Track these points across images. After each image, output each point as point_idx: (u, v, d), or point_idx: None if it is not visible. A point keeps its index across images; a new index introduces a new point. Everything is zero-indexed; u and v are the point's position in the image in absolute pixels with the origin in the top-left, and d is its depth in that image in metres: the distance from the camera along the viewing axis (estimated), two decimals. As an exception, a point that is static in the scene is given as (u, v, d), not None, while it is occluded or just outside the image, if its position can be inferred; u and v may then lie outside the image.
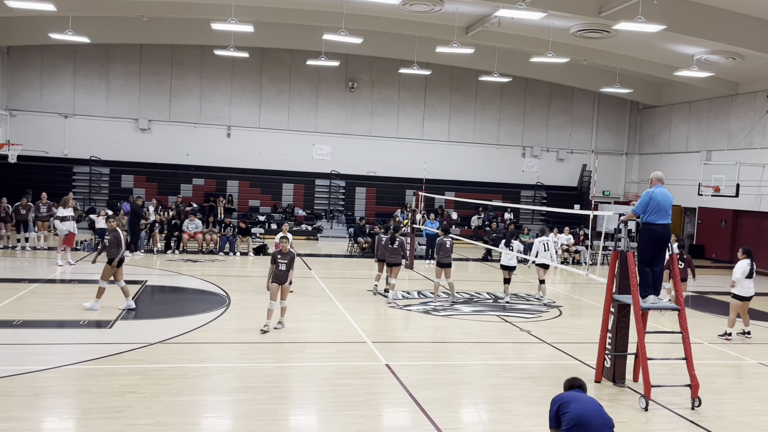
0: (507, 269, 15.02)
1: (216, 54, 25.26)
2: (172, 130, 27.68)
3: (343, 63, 27.62)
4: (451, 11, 19.87)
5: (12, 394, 7.48)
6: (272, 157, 28.50)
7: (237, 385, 8.28)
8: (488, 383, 8.96)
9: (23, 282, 14.19)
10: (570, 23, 20.02)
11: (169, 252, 20.18)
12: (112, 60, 27.02)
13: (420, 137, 30.06)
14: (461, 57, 25.30)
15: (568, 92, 31.31)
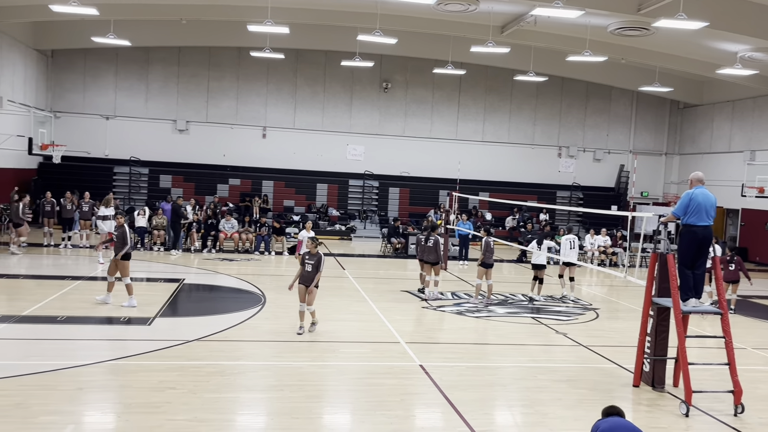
0: (537, 268, 15.12)
1: (252, 55, 25.56)
2: (209, 130, 28.12)
3: (377, 63, 27.67)
4: (486, 10, 19.73)
5: (56, 388, 7.69)
6: (307, 158, 28.72)
7: (272, 383, 8.37)
8: (523, 385, 8.87)
9: (66, 279, 14.58)
10: (608, 21, 19.69)
11: (206, 251, 20.50)
12: (151, 62, 27.58)
13: (454, 137, 29.93)
14: (496, 56, 25.11)
15: (605, 91, 30.81)
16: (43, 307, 11.63)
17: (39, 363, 8.49)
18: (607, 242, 22.68)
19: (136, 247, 20.07)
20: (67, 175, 24.73)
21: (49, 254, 18.38)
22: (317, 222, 27.27)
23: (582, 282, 19.10)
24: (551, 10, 16.25)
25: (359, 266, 19.58)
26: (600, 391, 8.70)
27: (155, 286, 14.77)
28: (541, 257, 15.24)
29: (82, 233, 20.09)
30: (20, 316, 10.94)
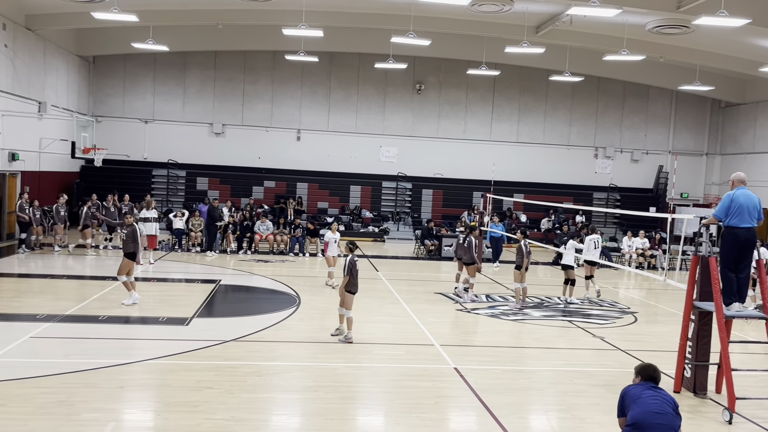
0: (565, 269, 15.08)
1: (287, 59, 25.82)
2: (244, 133, 28.50)
3: (410, 65, 27.68)
4: (520, 10, 19.56)
5: (97, 386, 7.88)
6: (340, 160, 28.88)
7: (308, 384, 8.43)
8: (560, 390, 8.76)
9: (107, 279, 14.91)
10: (646, 19, 19.34)
11: (242, 252, 20.76)
12: (188, 67, 28.08)
13: (488, 138, 29.74)
14: (531, 57, 24.89)
15: (643, 91, 30.25)
16: (85, 307, 11.93)
17: (81, 361, 8.71)
18: (645, 245, 22.25)
19: (173, 248, 20.46)
20: (108, 178, 25.34)
21: (90, 255, 18.83)
22: (351, 224, 27.39)
23: (619, 285, 18.78)
24: (588, 9, 16.04)
25: (392, 268, 19.58)
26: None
27: (193, 286, 15.02)
28: (568, 258, 15.15)
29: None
30: (63, 315, 11.24)
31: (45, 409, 7.02)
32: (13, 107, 19.95)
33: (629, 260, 21.96)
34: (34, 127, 21.64)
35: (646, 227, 23.94)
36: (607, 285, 18.30)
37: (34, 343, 9.59)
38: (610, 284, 18.50)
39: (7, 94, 19.76)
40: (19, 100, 20.62)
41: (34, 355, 9.09)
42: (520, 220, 28.05)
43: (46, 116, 22.10)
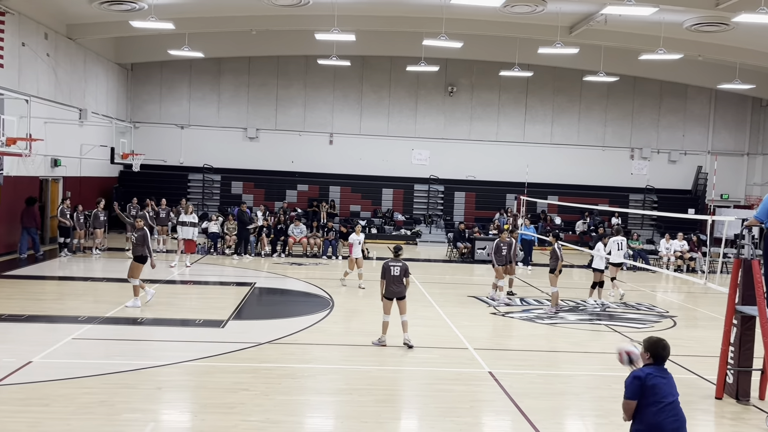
0: (596, 271, 14.93)
1: (319, 63, 26.02)
2: (278, 138, 28.80)
3: (442, 68, 27.62)
4: (554, 11, 19.36)
5: (136, 387, 8.04)
6: (372, 163, 28.96)
7: (342, 387, 8.46)
8: (597, 395, 8.62)
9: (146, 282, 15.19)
10: (684, 17, 18.96)
11: (276, 255, 20.97)
12: (223, 73, 28.52)
13: (521, 140, 29.48)
14: (565, 57, 24.61)
15: (680, 90, 29.64)
16: (124, 309, 12.19)
17: (121, 362, 8.90)
18: (683, 247, 21.77)
19: (209, 251, 20.77)
20: (145, 183, 25.87)
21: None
22: (383, 227, 27.44)
23: (657, 288, 18.41)
24: (623, 8, 15.81)
25: (425, 271, 19.54)
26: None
27: (228, 289, 15.23)
28: (596, 260, 15.04)
29: (159, 238, 20.95)
30: (104, 317, 11.50)
31: (87, 409, 7.19)
32: (55, 115, 20.53)
33: (667, 263, 21.51)
34: (75, 133, 22.23)
35: (684, 229, 23.43)
36: (645, 288, 17.97)
37: (76, 345, 9.84)
38: (647, 287, 18.16)
39: (50, 102, 20.34)
40: (61, 107, 21.20)
41: (76, 356, 9.33)
42: (554, 222, 27.72)
43: (87, 123, 22.69)
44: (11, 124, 14.81)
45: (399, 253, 10.58)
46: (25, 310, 11.81)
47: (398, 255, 10.54)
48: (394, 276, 10.35)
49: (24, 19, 18.53)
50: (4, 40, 17.45)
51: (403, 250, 10.89)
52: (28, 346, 9.46)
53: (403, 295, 10.37)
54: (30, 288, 14.15)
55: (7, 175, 18.01)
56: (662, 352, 5.15)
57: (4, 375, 8.14)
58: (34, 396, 7.53)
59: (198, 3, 20.16)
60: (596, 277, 14.96)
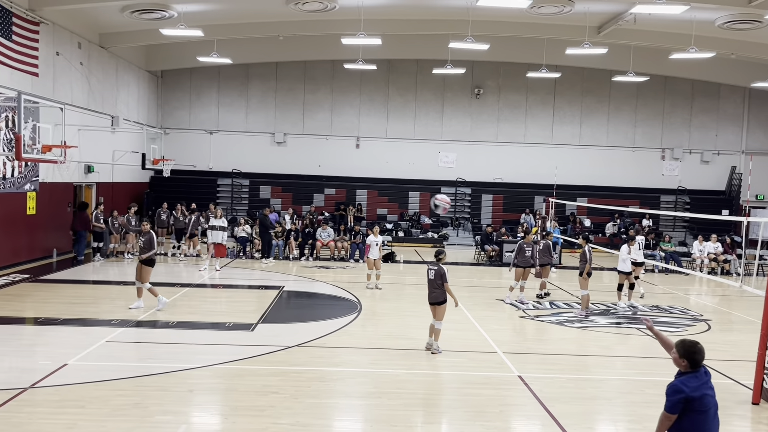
0: (622, 274, 14.79)
1: (345, 68, 26.15)
2: (305, 142, 29.00)
3: (468, 70, 27.53)
4: (581, 11, 19.18)
5: (168, 389, 8.15)
6: (399, 166, 28.97)
7: (370, 390, 8.47)
8: (630, 400, 8.49)
9: (176, 286, 15.44)
10: (715, 15, 18.62)
11: (303, 259, 21.09)
12: (250, 78, 28.83)
13: (549, 142, 29.22)
14: (593, 57, 24.35)
15: (713, 89, 29.07)
16: (156, 313, 12.37)
17: (153, 365, 9.04)
18: (717, 249, 21.33)
19: (238, 255, 20.98)
20: (176, 188, 26.25)
21: (160, 263, 19.53)
22: (410, 230, 27.41)
23: (690, 291, 18.06)
24: (653, 6, 15.58)
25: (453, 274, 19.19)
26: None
27: (257, 293, 15.36)
28: (620, 262, 14.91)
29: (190, 242, 21.21)
30: (136, 320, 11.70)
31: (121, 411, 7.32)
32: (88, 122, 20.96)
33: (700, 265, 21.10)
34: (107, 140, 22.67)
35: (718, 231, 22.97)
36: (677, 291, 17.65)
37: (110, 347, 10.02)
38: (680, 290, 17.83)
39: (83, 110, 20.79)
40: (94, 114, 21.65)
41: (110, 358, 9.50)
42: (584, 224, 27.40)
43: (119, 130, 23.12)
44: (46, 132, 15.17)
45: (438, 257, 10.39)
46: (61, 313, 12.08)
47: (437, 259, 10.38)
48: (429, 280, 10.30)
49: (58, 29, 18.99)
50: (39, 49, 17.90)
51: (445, 254, 10.61)
52: (64, 349, 9.67)
53: (437, 301, 10.22)
54: (65, 292, 14.46)
55: (43, 182, 18.45)
56: (698, 356, 4.89)
57: (40, 377, 8.33)
58: (69, 398, 7.69)
59: (226, 10, 20.43)
60: (621, 279, 14.86)
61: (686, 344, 4.92)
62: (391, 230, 27.07)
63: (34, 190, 18.03)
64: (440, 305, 10.21)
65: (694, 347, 4.88)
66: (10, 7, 16.35)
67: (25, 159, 13.98)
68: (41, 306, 12.82)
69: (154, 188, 27.29)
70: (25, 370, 8.69)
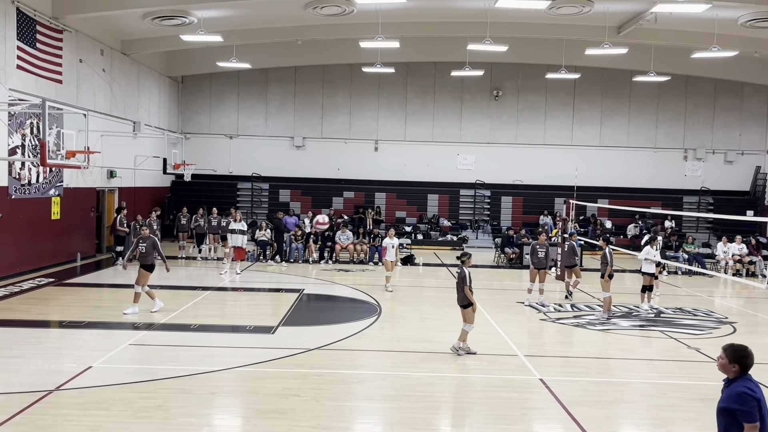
0: (647, 275, 14.71)
1: (364, 71, 26.21)
2: (323, 146, 29.11)
3: (487, 72, 27.44)
4: (601, 11, 19.02)
5: (191, 392, 8.22)
6: (417, 169, 28.96)
7: (391, 393, 8.46)
8: (653, 403, 8.38)
9: (198, 289, 15.58)
10: (738, 13, 18.36)
11: (323, 262, 21.16)
12: (270, 83, 29.02)
13: (569, 143, 29.00)
14: (613, 58, 24.12)
15: (736, 88, 28.65)
16: (178, 316, 12.50)
17: (176, 368, 9.12)
18: (742, 250, 20.99)
19: (258, 259, 21.11)
20: (197, 192, 26.50)
21: (182, 267, 19.73)
22: (429, 232, 27.37)
23: (715, 293, 17.80)
24: (674, 5, 15.40)
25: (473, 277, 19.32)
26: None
27: (277, 296, 15.44)
28: (645, 264, 14.77)
29: (211, 246, 21.40)
30: (159, 324, 11.82)
31: (144, 413, 7.40)
32: (110, 128, 21.26)
33: (725, 267, 20.78)
34: (129, 145, 22.97)
35: (742, 232, 22.61)
36: (702, 293, 17.40)
37: (133, 351, 10.14)
38: (704, 292, 17.58)
39: (106, 116, 21.08)
40: (116, 120, 21.95)
41: (133, 361, 9.61)
42: (605, 226, 27.14)
43: (140, 135, 23.42)
44: (70, 138, 15.41)
45: (461, 259, 10.33)
46: (85, 316, 12.25)
47: (461, 261, 10.31)
48: (456, 282, 10.28)
49: (81, 36, 19.29)
50: (63, 57, 18.20)
51: (469, 257, 10.49)
52: (88, 352, 9.80)
53: (462, 304, 10.18)
54: (89, 295, 14.66)
55: (67, 187, 18.75)
56: (749, 361, 4.65)
57: (65, 380, 8.45)
58: (93, 400, 7.79)
59: (245, 15, 20.60)
60: (645, 281, 14.72)
61: (736, 349, 4.68)
62: (410, 233, 27.05)
63: (59, 195, 18.32)
64: (465, 308, 10.16)
65: (744, 351, 4.65)
66: (34, 15, 16.66)
67: (50, 165, 14.21)
68: (66, 309, 13.02)
69: (176, 193, 27.58)
70: (51, 373, 8.82)
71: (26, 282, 15.81)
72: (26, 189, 16.70)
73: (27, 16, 16.37)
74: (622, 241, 25.71)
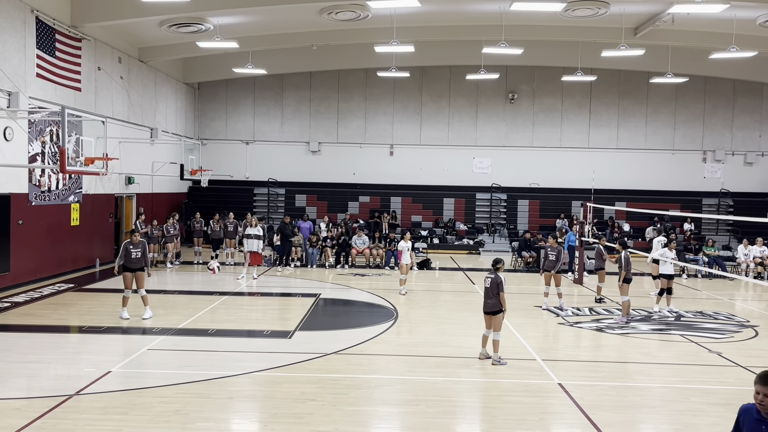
0: (665, 278, 14.67)
1: (379, 76, 26.26)
2: (339, 151, 29.18)
3: (502, 75, 27.36)
4: (617, 12, 18.90)
5: (209, 396, 8.25)
6: (433, 173, 28.93)
7: (408, 398, 8.42)
8: (674, 408, 8.26)
9: (215, 294, 15.66)
10: (757, 13, 18.15)
11: (339, 266, 21.18)
12: (285, 88, 29.17)
13: (586, 146, 28.82)
14: (630, 59, 23.96)
15: (756, 88, 28.30)
16: (196, 321, 12.57)
17: (194, 372, 9.16)
18: (764, 253, 20.68)
19: (275, 264, 21.18)
20: (213, 197, 26.69)
21: (198, 272, 19.85)
22: (445, 236, 27.29)
23: (736, 296, 17.55)
24: (691, 6, 15.25)
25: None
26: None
27: (294, 300, 15.47)
28: (663, 265, 14.63)
29: (228, 251, 21.51)
30: (177, 328, 11.89)
31: (163, 418, 7.43)
32: (128, 134, 21.49)
33: (746, 270, 20.49)
34: (146, 152, 23.19)
35: (764, 234, 22.28)
36: (722, 297, 17.16)
37: (152, 355, 10.20)
38: (725, 296, 17.34)
39: (123, 122, 21.32)
40: (134, 127, 22.18)
41: (151, 366, 9.66)
42: (623, 229, 26.89)
43: (158, 141, 23.64)
44: (89, 145, 15.60)
45: (496, 267, 10.16)
46: (104, 322, 12.36)
47: (495, 268, 10.14)
48: (485, 288, 10.14)
49: (99, 44, 19.54)
50: (81, 65, 18.44)
51: (503, 263, 10.36)
52: (107, 357, 9.89)
53: (492, 310, 10.03)
54: (108, 300, 14.79)
55: (86, 193, 18.96)
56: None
57: (85, 384, 8.52)
58: (113, 405, 7.84)
59: (260, 22, 20.74)
60: (664, 284, 14.60)
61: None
62: (426, 237, 27.00)
63: (78, 201, 18.53)
64: (496, 315, 10.04)
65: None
66: (53, 24, 16.90)
67: (70, 171, 14.39)
68: (85, 315, 13.14)
69: (193, 198, 27.78)
70: (71, 378, 8.91)
71: (46, 287, 16.00)
72: (46, 195, 16.92)
73: (46, 25, 16.61)
74: (641, 244, 25.44)
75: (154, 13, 17.89)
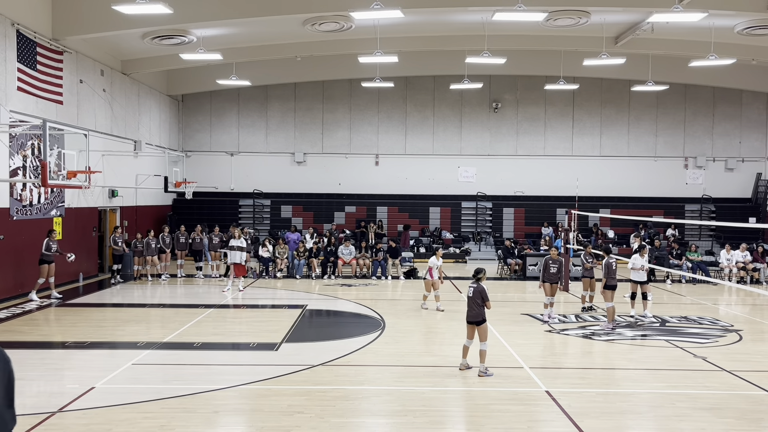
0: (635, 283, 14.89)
1: (363, 86, 26.35)
2: (324, 161, 29.17)
3: (486, 84, 27.56)
4: (598, 22, 19.13)
5: (195, 411, 8.15)
6: (418, 182, 29.00)
7: (396, 408, 8.39)
8: (661, 413, 8.30)
9: (200, 307, 15.53)
10: (734, 21, 18.44)
11: (326, 277, 21.11)
12: (270, 99, 29.16)
13: (569, 154, 29.05)
14: (611, 68, 24.23)
15: (735, 96, 28.73)
16: (181, 335, 12.45)
17: (179, 387, 9.06)
18: (746, 258, 20.93)
19: (261, 275, 21.06)
20: (198, 210, 26.54)
21: (183, 284, 19.69)
22: (431, 245, 27.31)
23: (720, 301, 17.71)
24: (670, 15, 15.47)
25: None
26: (749, 421, 7.97)
27: (280, 312, 15.39)
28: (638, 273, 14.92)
29: (213, 264, 21.37)
30: (161, 342, 11.77)
31: (148, 433, 7.33)
32: (111, 147, 21.33)
33: (729, 275, 20.70)
34: (130, 164, 23.03)
35: (746, 239, 22.55)
36: (706, 302, 17.31)
37: (136, 370, 10.08)
38: (709, 301, 17.49)
39: (106, 135, 21.16)
40: (117, 140, 22.03)
41: (136, 381, 9.54)
42: (607, 236, 27.09)
43: (141, 154, 23.49)
44: (71, 158, 15.47)
45: (478, 276, 10.12)
46: (88, 336, 12.20)
47: (477, 278, 10.10)
48: (468, 298, 10.08)
49: (81, 57, 19.41)
50: (63, 77, 18.31)
51: (485, 273, 10.31)
52: (91, 372, 9.75)
53: (477, 320, 9.97)
54: (92, 315, 14.62)
55: (69, 207, 18.77)
56: None
57: (68, 401, 8.39)
58: (97, 421, 7.72)
59: (244, 33, 20.73)
60: (633, 288, 14.92)
61: None
62: (412, 247, 26.99)
63: (60, 215, 18.34)
64: (480, 324, 9.98)
65: None
66: (34, 37, 16.77)
67: (51, 185, 14.24)
68: (68, 330, 12.97)
69: (177, 211, 27.61)
70: (54, 394, 8.77)
71: (29, 303, 15.77)
72: (28, 210, 16.73)
73: (27, 38, 16.49)
74: (625, 250, 25.62)
75: (136, 26, 17.83)
